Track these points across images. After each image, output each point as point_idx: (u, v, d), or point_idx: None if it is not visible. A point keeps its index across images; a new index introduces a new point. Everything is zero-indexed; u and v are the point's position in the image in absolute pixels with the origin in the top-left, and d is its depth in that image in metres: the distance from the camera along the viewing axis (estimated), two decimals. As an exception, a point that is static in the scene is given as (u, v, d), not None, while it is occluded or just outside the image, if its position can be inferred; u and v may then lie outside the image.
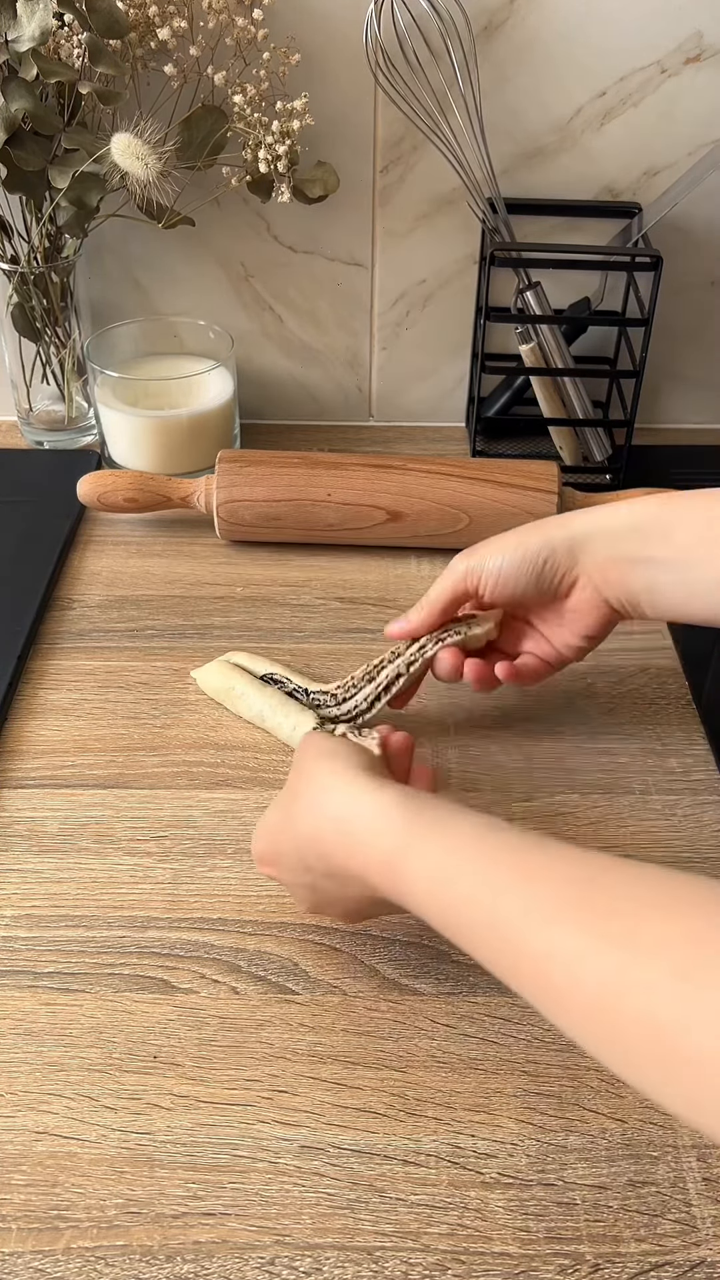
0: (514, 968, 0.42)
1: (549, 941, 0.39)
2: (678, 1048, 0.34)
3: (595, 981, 0.37)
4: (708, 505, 0.58)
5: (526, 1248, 0.46)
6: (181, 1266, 0.45)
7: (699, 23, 0.83)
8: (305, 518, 0.83)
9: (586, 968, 0.38)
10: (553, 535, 0.61)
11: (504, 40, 0.84)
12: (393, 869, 0.46)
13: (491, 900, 0.42)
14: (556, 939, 0.39)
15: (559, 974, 0.39)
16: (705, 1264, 0.46)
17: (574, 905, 0.40)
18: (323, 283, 0.95)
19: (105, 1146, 0.49)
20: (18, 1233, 0.46)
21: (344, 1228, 0.47)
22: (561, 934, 0.39)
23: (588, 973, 0.38)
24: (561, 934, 0.39)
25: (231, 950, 0.57)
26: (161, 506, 0.85)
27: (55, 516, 0.87)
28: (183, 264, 0.94)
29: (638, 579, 0.59)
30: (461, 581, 0.64)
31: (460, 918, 0.44)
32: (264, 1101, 0.51)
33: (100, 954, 0.57)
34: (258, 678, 0.70)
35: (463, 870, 0.44)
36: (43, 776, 0.67)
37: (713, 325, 0.97)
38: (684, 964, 0.35)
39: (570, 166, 0.90)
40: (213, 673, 0.72)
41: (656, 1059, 0.35)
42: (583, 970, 0.38)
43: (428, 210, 0.91)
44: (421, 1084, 0.52)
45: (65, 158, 0.82)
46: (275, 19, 0.82)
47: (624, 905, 0.38)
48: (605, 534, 0.60)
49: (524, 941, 0.40)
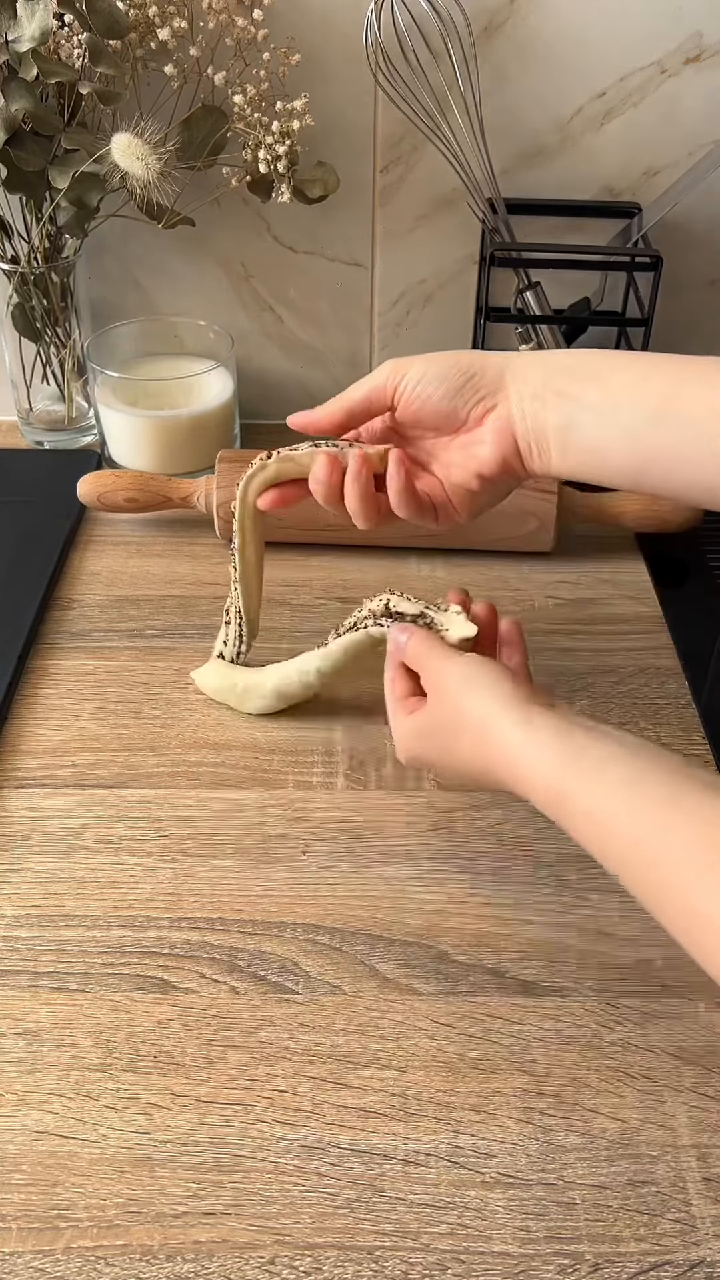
0: (670, 910, 0.45)
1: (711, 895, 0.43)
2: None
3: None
4: (642, 361, 0.56)
5: (526, 1247, 0.46)
6: (181, 1266, 0.45)
7: (699, 23, 0.83)
8: (305, 518, 0.83)
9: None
10: (488, 357, 0.58)
11: (504, 40, 0.84)
12: (555, 801, 0.50)
13: (658, 842, 0.45)
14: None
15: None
16: (705, 1264, 0.46)
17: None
18: (323, 283, 0.95)
19: (105, 1146, 0.49)
20: (18, 1233, 0.46)
21: (344, 1227, 0.47)
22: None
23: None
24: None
25: (231, 950, 0.57)
26: (161, 506, 0.85)
27: (55, 516, 0.87)
28: (183, 264, 0.94)
29: (556, 412, 0.56)
30: (383, 381, 0.60)
31: (624, 856, 0.47)
32: (264, 1101, 0.51)
33: (100, 954, 0.57)
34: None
35: (619, 816, 0.47)
36: (43, 776, 0.67)
37: (713, 325, 0.97)
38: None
39: (570, 166, 0.90)
40: (211, 673, 0.72)
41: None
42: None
43: (428, 210, 0.92)
44: (421, 1084, 0.52)
45: (65, 158, 0.82)
46: (275, 19, 0.82)
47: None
48: (539, 365, 0.58)
49: (689, 892, 0.44)
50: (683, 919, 0.44)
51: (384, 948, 0.58)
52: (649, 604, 0.81)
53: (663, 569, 0.85)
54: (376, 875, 0.61)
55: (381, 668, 0.61)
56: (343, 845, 0.63)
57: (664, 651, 0.77)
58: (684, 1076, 0.52)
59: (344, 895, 0.60)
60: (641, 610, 0.81)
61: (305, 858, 0.62)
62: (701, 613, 0.81)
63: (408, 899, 0.60)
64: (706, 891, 0.43)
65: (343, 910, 0.60)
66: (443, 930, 0.59)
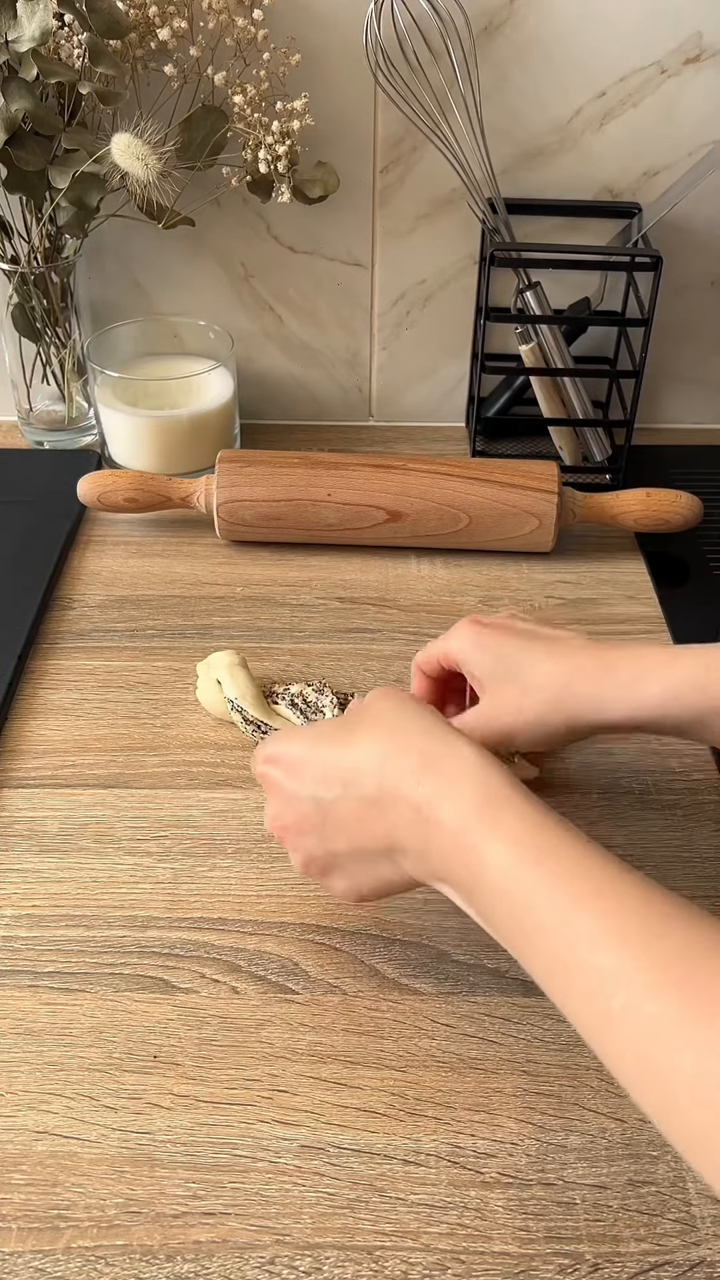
0: (565, 988, 0.40)
1: (609, 971, 0.38)
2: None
3: (649, 1025, 0.36)
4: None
5: (526, 1247, 0.46)
6: (181, 1266, 0.45)
7: (699, 23, 0.83)
8: (305, 518, 0.83)
9: (643, 1010, 0.36)
10: (577, 728, 0.57)
11: (504, 40, 0.84)
12: (458, 841, 0.44)
13: (561, 917, 0.41)
14: (617, 970, 0.38)
15: (612, 1004, 0.37)
16: (705, 1264, 0.46)
17: (640, 936, 0.38)
18: (323, 283, 0.95)
19: (105, 1146, 0.49)
20: (18, 1233, 0.46)
21: (344, 1227, 0.47)
22: (623, 965, 0.38)
23: (643, 1015, 0.36)
24: (623, 965, 0.38)
25: (231, 950, 0.57)
26: (161, 506, 0.85)
27: (55, 516, 0.87)
28: (183, 264, 0.94)
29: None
30: (452, 658, 0.61)
31: (520, 921, 0.42)
32: (264, 1101, 0.51)
33: (100, 954, 0.57)
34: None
35: (540, 877, 0.42)
36: (43, 776, 0.67)
37: (713, 325, 0.97)
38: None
39: (570, 166, 0.90)
40: (210, 694, 0.71)
41: (703, 1123, 0.34)
42: (638, 1011, 0.36)
43: (428, 210, 0.92)
44: (421, 1084, 0.52)
45: (65, 158, 0.82)
46: (275, 19, 0.82)
47: (694, 953, 0.37)
48: (632, 725, 0.57)
49: (582, 964, 0.39)
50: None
51: (384, 948, 0.58)
52: (649, 604, 0.81)
53: (663, 569, 0.85)
54: (376, 875, 0.61)
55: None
56: (343, 845, 0.63)
57: (664, 651, 0.77)
58: (684, 1076, 0.52)
59: (344, 895, 0.60)
60: (641, 610, 0.81)
61: (305, 858, 0.62)
62: (701, 613, 0.81)
63: (408, 899, 0.60)
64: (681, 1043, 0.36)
65: (343, 910, 0.59)
66: (443, 930, 0.59)
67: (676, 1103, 0.35)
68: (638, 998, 0.37)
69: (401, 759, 0.47)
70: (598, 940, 0.39)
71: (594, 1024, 0.39)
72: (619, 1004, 0.37)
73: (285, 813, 0.52)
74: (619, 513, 0.84)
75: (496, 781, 0.45)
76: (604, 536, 0.87)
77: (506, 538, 0.83)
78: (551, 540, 0.83)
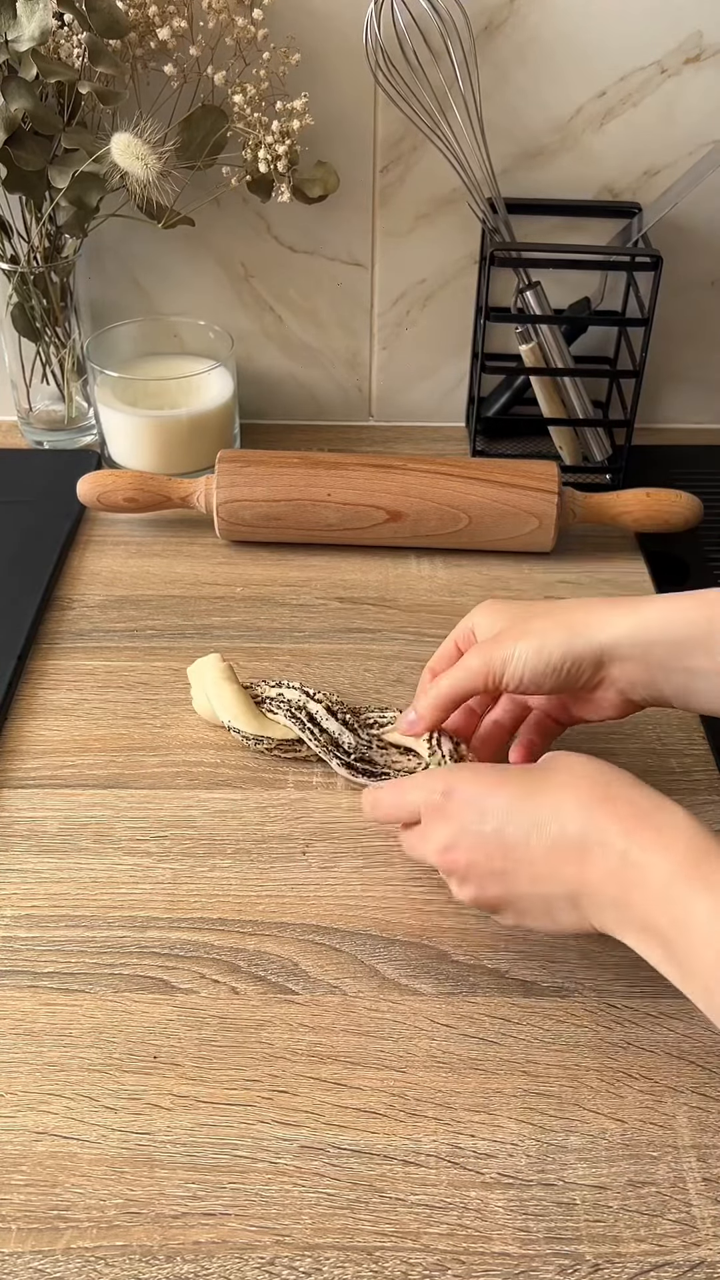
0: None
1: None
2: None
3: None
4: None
5: (526, 1248, 0.46)
6: (181, 1266, 0.45)
7: (699, 23, 0.83)
8: (305, 518, 0.83)
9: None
10: (575, 645, 0.56)
11: (504, 40, 0.84)
12: (667, 893, 0.45)
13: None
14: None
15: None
16: (705, 1264, 0.46)
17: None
18: (323, 283, 0.95)
19: (105, 1146, 0.49)
20: (18, 1233, 0.46)
21: (344, 1228, 0.47)
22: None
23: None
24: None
25: (231, 950, 0.57)
26: (161, 506, 0.85)
27: (55, 516, 0.87)
28: (183, 264, 0.94)
29: (671, 685, 0.56)
30: (480, 680, 0.59)
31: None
32: (264, 1101, 0.51)
33: (100, 954, 0.57)
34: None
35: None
36: (43, 776, 0.67)
37: (713, 325, 0.97)
38: None
39: (570, 166, 0.90)
40: (204, 703, 0.70)
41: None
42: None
43: (428, 210, 0.91)
44: (421, 1084, 0.52)
45: (65, 158, 0.82)
46: (275, 19, 0.82)
47: None
48: (635, 645, 0.56)
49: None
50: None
51: (384, 948, 0.58)
52: (649, 604, 0.81)
53: (663, 569, 0.85)
54: (376, 875, 0.61)
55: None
56: (343, 845, 0.63)
57: (664, 651, 0.77)
58: (684, 1076, 0.52)
59: (344, 895, 0.60)
60: (641, 610, 0.81)
61: (305, 858, 0.62)
62: (701, 613, 0.80)
63: (408, 899, 0.60)
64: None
65: (343, 910, 0.60)
66: (443, 930, 0.59)
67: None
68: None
69: (610, 806, 0.48)
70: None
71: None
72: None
73: (460, 846, 0.52)
74: (619, 513, 0.84)
75: (709, 839, 0.46)
76: (604, 536, 0.87)
77: (507, 538, 0.83)
78: (552, 540, 0.83)
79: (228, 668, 0.69)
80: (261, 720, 0.68)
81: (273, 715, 0.68)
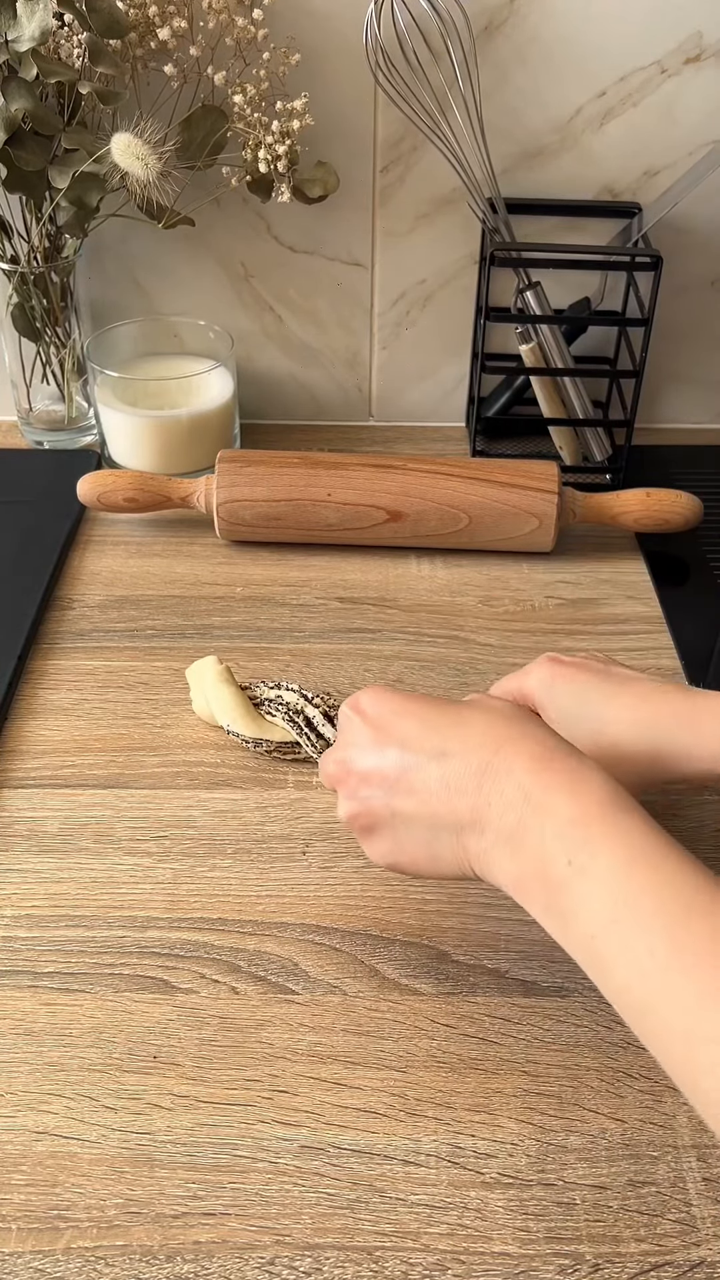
0: (666, 1045, 0.40)
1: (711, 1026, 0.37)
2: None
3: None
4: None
5: (526, 1248, 0.46)
6: (181, 1266, 0.45)
7: (699, 23, 0.83)
8: (305, 518, 0.83)
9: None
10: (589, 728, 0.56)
11: (504, 40, 0.84)
12: (567, 832, 0.43)
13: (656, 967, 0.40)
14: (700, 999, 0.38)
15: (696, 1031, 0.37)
16: (705, 1264, 0.46)
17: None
18: (323, 283, 0.95)
19: (105, 1146, 0.49)
20: (18, 1233, 0.46)
21: (344, 1228, 0.47)
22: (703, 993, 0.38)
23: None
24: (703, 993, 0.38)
25: (231, 950, 0.57)
26: (161, 506, 0.85)
27: (55, 516, 0.87)
28: (183, 264, 0.94)
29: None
30: (531, 693, 0.60)
31: (614, 960, 0.41)
32: (264, 1101, 0.51)
33: (100, 954, 0.57)
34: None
35: (646, 885, 0.41)
36: (43, 776, 0.67)
37: (713, 325, 0.97)
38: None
39: (570, 166, 0.90)
40: (203, 705, 0.70)
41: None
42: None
43: (428, 210, 0.91)
44: (421, 1084, 0.52)
45: (65, 158, 0.82)
46: (275, 19, 0.82)
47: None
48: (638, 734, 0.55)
49: (684, 1022, 0.38)
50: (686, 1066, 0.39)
51: (384, 948, 0.58)
52: (649, 604, 0.81)
53: (663, 569, 0.85)
54: (376, 875, 0.61)
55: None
56: (343, 845, 0.63)
57: (664, 651, 0.77)
58: (684, 1076, 0.52)
59: (344, 895, 0.60)
60: (641, 610, 0.81)
61: (305, 858, 0.62)
62: (701, 613, 0.81)
63: (408, 899, 0.60)
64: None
65: (343, 910, 0.60)
66: (443, 930, 0.59)
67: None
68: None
69: (521, 744, 0.47)
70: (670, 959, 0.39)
71: (676, 1051, 0.39)
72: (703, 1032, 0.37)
73: (356, 758, 0.51)
74: (619, 513, 0.84)
75: (619, 790, 0.45)
76: (604, 536, 0.87)
77: (507, 538, 0.83)
78: (552, 540, 0.83)
79: (225, 670, 0.69)
80: (260, 723, 0.68)
81: (271, 718, 0.68)
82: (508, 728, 0.48)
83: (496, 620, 0.80)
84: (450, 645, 0.77)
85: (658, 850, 0.42)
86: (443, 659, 0.76)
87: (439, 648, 0.77)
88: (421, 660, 0.76)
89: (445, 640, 0.78)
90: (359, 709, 0.52)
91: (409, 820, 0.49)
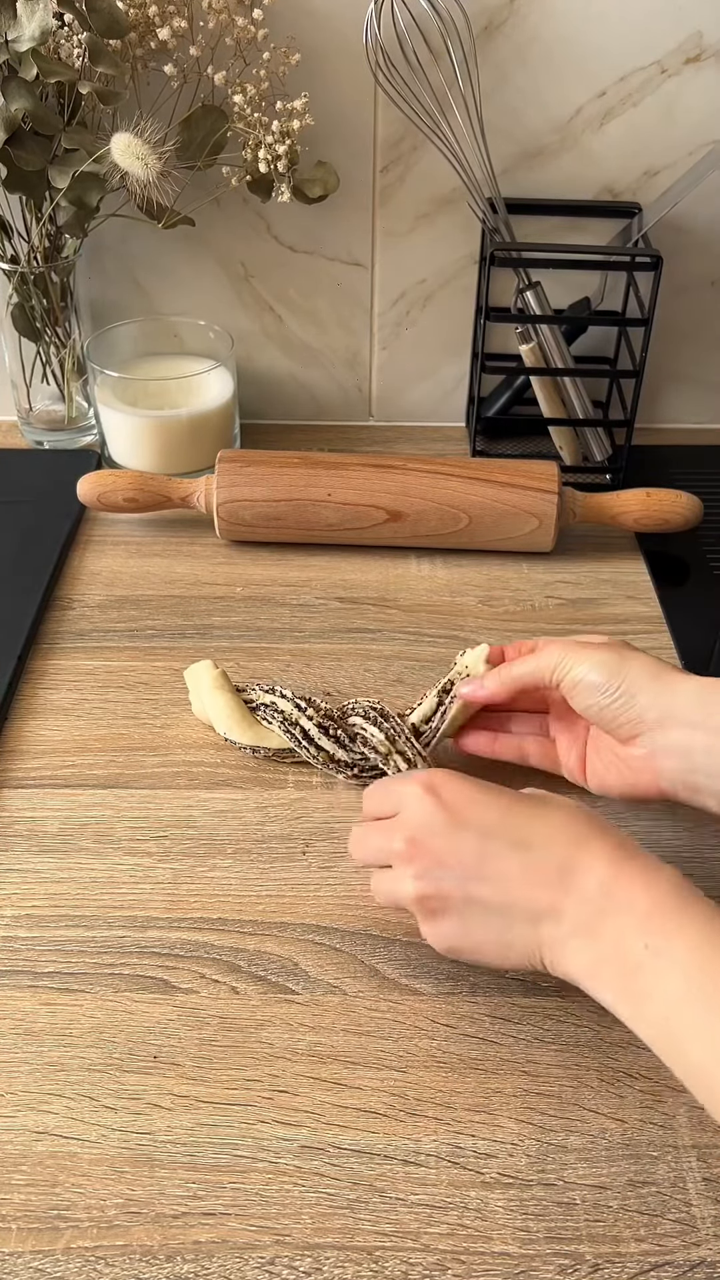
0: (710, 1095, 0.42)
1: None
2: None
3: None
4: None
5: (526, 1248, 0.46)
6: (181, 1266, 0.45)
7: (699, 23, 0.83)
8: (305, 518, 0.83)
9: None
10: (645, 714, 0.57)
11: (504, 40, 0.84)
12: (646, 925, 0.46)
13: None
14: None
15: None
16: (705, 1264, 0.46)
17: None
18: (323, 283, 0.95)
19: (105, 1146, 0.49)
20: (18, 1233, 0.46)
21: (344, 1228, 0.47)
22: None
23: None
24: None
25: (231, 950, 0.57)
26: (161, 506, 0.85)
27: (55, 516, 0.87)
28: (183, 264, 0.94)
29: (712, 798, 0.56)
30: (547, 673, 0.60)
31: (689, 1038, 0.44)
32: (264, 1101, 0.51)
33: (100, 954, 0.57)
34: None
35: (712, 993, 0.43)
36: (43, 776, 0.67)
37: (713, 325, 0.97)
38: None
39: (570, 166, 0.90)
40: (201, 709, 0.70)
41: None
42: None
43: (428, 210, 0.91)
44: (421, 1084, 0.52)
45: (65, 158, 0.82)
46: (275, 19, 0.82)
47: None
48: (692, 742, 0.55)
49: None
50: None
51: (384, 948, 0.58)
52: (649, 604, 0.81)
53: (663, 569, 0.85)
54: (376, 875, 0.61)
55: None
56: (343, 845, 0.63)
57: (664, 652, 0.77)
58: (684, 1076, 0.52)
59: (344, 895, 0.60)
60: (641, 610, 0.81)
61: (305, 858, 0.62)
62: (701, 613, 0.81)
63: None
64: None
65: (343, 910, 0.60)
66: (443, 930, 0.58)
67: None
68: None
69: (602, 840, 0.49)
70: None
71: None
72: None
73: (430, 840, 0.51)
74: (619, 513, 0.84)
75: (688, 883, 0.47)
76: (604, 536, 0.87)
77: (506, 538, 0.83)
78: (551, 540, 0.83)
79: (220, 675, 0.69)
80: (256, 729, 0.67)
81: (267, 725, 0.67)
82: (588, 825, 0.50)
83: (496, 620, 0.80)
84: (450, 645, 0.77)
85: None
86: (443, 659, 0.76)
87: (439, 648, 0.77)
88: (421, 660, 0.76)
89: (445, 640, 0.78)
90: (433, 790, 0.52)
91: (484, 906, 0.50)
